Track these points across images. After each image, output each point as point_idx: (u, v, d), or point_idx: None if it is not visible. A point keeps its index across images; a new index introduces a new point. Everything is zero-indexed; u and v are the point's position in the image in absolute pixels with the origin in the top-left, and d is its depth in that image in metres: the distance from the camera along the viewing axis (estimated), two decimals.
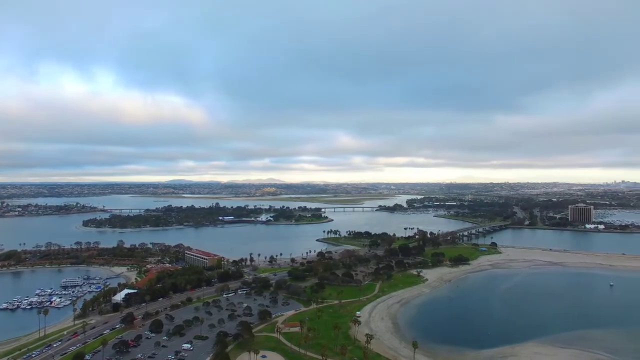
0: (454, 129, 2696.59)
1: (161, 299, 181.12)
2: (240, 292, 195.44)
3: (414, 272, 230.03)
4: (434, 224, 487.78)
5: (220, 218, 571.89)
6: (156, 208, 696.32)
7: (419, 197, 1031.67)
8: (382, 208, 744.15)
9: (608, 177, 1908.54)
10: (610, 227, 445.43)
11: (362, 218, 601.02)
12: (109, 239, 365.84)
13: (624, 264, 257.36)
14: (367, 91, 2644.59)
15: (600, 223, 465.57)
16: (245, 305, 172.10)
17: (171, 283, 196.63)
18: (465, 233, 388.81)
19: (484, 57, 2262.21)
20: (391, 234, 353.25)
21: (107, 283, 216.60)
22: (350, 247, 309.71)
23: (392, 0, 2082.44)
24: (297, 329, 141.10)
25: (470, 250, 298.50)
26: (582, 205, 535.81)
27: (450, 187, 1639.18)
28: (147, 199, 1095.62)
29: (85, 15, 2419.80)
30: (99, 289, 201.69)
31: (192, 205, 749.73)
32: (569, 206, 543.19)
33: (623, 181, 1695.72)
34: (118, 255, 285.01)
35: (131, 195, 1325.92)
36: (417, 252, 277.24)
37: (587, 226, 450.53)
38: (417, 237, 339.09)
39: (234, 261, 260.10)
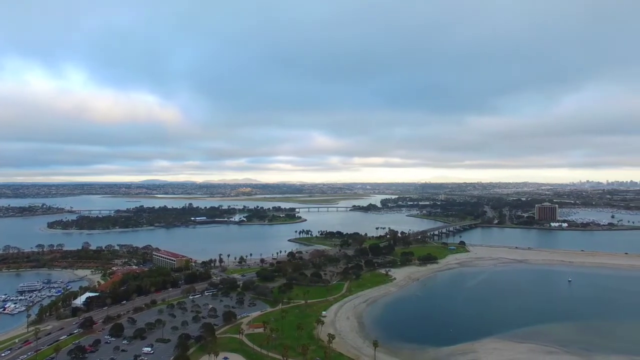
0: (428, 129, 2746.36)
1: (125, 302, 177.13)
2: (206, 294, 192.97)
3: (383, 271, 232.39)
4: (407, 223, 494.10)
5: (192, 218, 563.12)
6: (127, 209, 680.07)
7: (393, 197, 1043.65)
8: (356, 208, 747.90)
9: (574, 177, 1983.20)
10: (573, 225, 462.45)
11: (336, 218, 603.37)
12: (75, 241, 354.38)
13: (582, 261, 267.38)
14: (342, 92, 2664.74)
15: (564, 221, 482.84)
16: (210, 306, 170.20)
17: (136, 285, 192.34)
18: (436, 232, 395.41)
19: (456, 59, 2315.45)
20: (363, 234, 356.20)
21: (69, 287, 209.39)
22: (322, 247, 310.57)
23: (367, 3, 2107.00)
24: (261, 329, 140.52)
25: (440, 249, 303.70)
26: (547, 204, 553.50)
27: (424, 187, 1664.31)
28: (119, 199, 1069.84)
29: (53, 10, 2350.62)
30: (59, 293, 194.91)
31: (165, 206, 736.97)
32: (536, 205, 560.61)
33: (588, 181, 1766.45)
34: (83, 257, 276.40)
35: (102, 195, 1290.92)
36: (387, 251, 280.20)
37: (552, 224, 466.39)
38: (388, 236, 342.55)
39: (203, 262, 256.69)
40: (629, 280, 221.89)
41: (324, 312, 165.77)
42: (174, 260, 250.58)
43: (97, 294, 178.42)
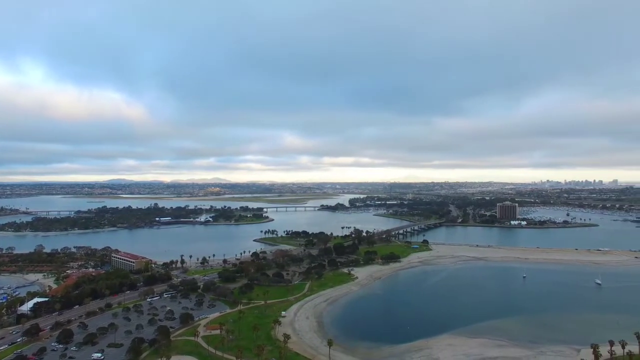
0: (397, 130, 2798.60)
1: (77, 306, 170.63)
2: (165, 296, 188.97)
3: (346, 270, 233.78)
4: (373, 222, 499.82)
5: (157, 219, 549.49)
6: (89, 209, 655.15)
7: (361, 196, 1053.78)
8: (324, 207, 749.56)
9: (536, 176, 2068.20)
10: (531, 223, 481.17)
11: (303, 217, 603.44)
12: (28, 243, 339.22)
13: (536, 257, 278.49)
14: (311, 92, 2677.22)
15: (524, 219, 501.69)
16: (168, 308, 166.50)
17: (90, 289, 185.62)
18: (401, 231, 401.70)
19: (423, 61, 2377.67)
20: (328, 234, 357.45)
21: (16, 293, 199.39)
22: (287, 247, 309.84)
23: (335, 4, 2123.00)
24: (218, 331, 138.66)
25: (403, 248, 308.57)
26: (508, 203, 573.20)
27: (393, 186, 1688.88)
28: (81, 199, 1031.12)
29: (8, 2, 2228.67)
30: (3, 300, 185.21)
31: (129, 206, 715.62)
32: (497, 204, 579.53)
33: (548, 180, 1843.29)
34: (35, 261, 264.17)
35: (63, 196, 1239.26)
36: (351, 250, 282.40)
37: (512, 222, 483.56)
38: (353, 236, 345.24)
39: (164, 263, 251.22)
40: (575, 274, 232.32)
41: (283, 312, 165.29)
42: (134, 262, 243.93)
43: (46, 299, 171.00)
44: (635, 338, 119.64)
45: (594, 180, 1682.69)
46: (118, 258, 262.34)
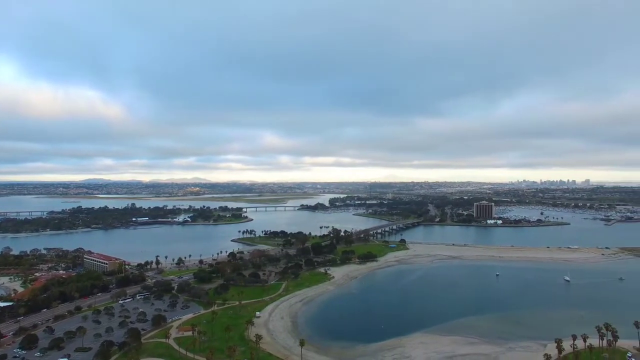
0: (377, 130, 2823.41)
1: (45, 310, 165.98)
2: (138, 297, 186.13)
3: (322, 270, 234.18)
4: (353, 222, 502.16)
5: (133, 219, 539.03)
6: (62, 210, 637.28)
7: (342, 196, 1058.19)
8: (304, 207, 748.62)
9: (513, 176, 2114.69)
10: (506, 222, 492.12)
11: (283, 217, 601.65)
12: None
13: (510, 255, 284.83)
14: (291, 91, 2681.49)
15: (500, 218, 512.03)
16: (140, 310, 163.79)
17: (59, 292, 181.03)
18: (379, 231, 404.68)
19: (403, 63, 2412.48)
20: (307, 233, 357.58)
21: None
22: (264, 247, 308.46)
23: (316, 4, 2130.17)
24: (190, 333, 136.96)
25: (380, 247, 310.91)
26: (485, 202, 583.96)
27: (373, 186, 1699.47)
28: (55, 200, 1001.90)
29: None
30: None
31: (106, 206, 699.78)
32: (474, 204, 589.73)
33: (524, 180, 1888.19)
34: (1, 264, 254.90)
35: (36, 196, 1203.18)
36: (329, 250, 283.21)
37: (489, 221, 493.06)
38: (331, 235, 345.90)
39: (138, 264, 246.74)
40: (546, 272, 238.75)
41: (258, 313, 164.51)
42: (106, 264, 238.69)
43: (10, 303, 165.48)
44: (596, 332, 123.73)
45: (568, 180, 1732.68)
46: (91, 259, 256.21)
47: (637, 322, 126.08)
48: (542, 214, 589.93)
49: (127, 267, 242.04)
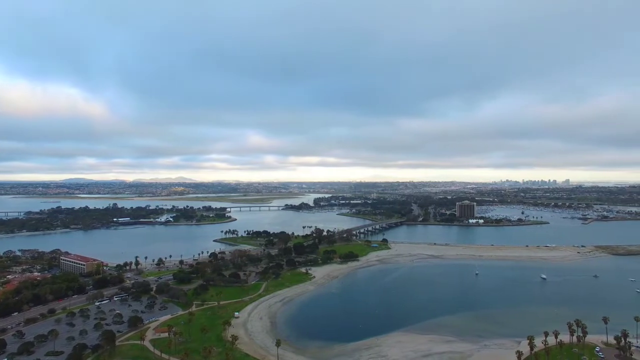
0: (362, 130, 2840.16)
1: (16, 313, 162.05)
2: (116, 299, 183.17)
3: (303, 270, 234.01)
4: (337, 222, 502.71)
5: (114, 219, 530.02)
6: (41, 210, 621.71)
7: (326, 196, 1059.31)
8: (288, 207, 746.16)
9: (497, 176, 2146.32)
10: (488, 222, 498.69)
11: (267, 217, 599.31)
12: None
13: (490, 254, 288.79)
14: (275, 91, 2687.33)
15: (481, 218, 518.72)
16: (117, 312, 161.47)
17: (32, 294, 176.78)
18: (362, 230, 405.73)
19: (386, 63, 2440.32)
20: (290, 233, 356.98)
21: None
22: (247, 247, 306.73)
23: (296, 3, 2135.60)
24: (167, 334, 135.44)
25: (362, 246, 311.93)
26: (467, 202, 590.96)
27: (359, 185, 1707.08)
28: (34, 200, 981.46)
29: None
30: None
31: (86, 207, 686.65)
32: (457, 203, 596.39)
33: (507, 180, 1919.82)
34: None
35: (13, 196, 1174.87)
36: (311, 250, 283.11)
37: (470, 221, 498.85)
38: (314, 235, 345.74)
39: (117, 265, 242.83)
40: (524, 270, 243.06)
41: (237, 313, 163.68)
42: (84, 265, 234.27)
43: None
44: (567, 328, 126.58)
45: (549, 180, 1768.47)
46: (67, 261, 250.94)
47: (605, 318, 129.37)
48: (523, 213, 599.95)
49: (105, 268, 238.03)
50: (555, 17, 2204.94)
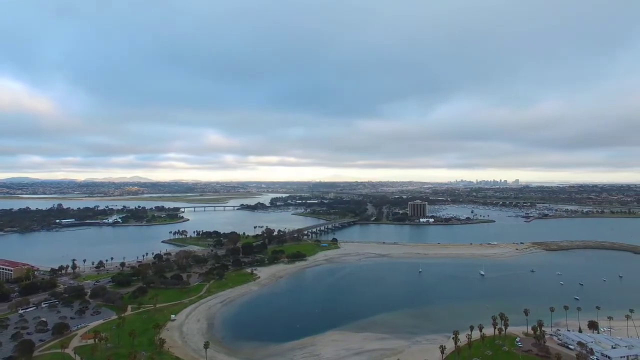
0: (321, 130, 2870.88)
1: None
2: (44, 305, 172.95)
3: (249, 270, 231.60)
4: (291, 221, 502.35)
5: (57, 221, 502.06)
6: None
7: (284, 195, 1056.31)
8: (244, 207, 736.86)
9: (452, 176, 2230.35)
10: (438, 220, 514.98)
11: (221, 217, 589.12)
12: None
13: (435, 252, 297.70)
14: (232, 90, 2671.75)
15: (432, 217, 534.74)
16: (42, 319, 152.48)
17: None
18: (314, 230, 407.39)
19: (340, 64, 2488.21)
20: (241, 233, 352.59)
21: None
22: (195, 248, 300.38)
23: (247, 3, 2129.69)
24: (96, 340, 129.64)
25: (312, 246, 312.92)
26: (418, 202, 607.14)
27: (317, 185, 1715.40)
28: None
29: None
30: None
31: (27, 207, 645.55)
32: (409, 202, 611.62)
33: (462, 180, 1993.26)
34: None
35: None
36: (259, 250, 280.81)
37: (421, 220, 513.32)
38: (264, 235, 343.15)
39: (52, 270, 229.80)
40: (465, 267, 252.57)
41: (173, 316, 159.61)
42: (11, 270, 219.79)
43: None
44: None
45: (501, 180, 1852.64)
46: None
47: (527, 310, 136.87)
48: (472, 212, 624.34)
49: (37, 273, 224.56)
50: (497, 28, 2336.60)
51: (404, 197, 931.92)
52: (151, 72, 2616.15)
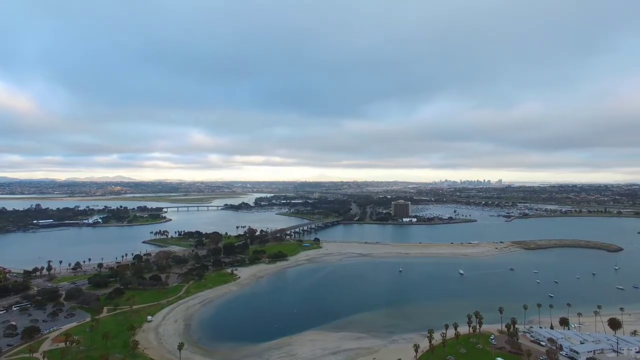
0: (306, 130, 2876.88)
1: None
2: (15, 308, 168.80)
3: (229, 270, 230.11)
4: (275, 221, 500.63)
5: (34, 222, 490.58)
6: None
7: (269, 195, 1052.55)
8: (227, 207, 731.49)
9: (437, 176, 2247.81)
10: (420, 220, 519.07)
11: (204, 217, 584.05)
12: None
13: (416, 252, 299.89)
14: (215, 90, 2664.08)
15: (415, 217, 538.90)
16: (10, 323, 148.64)
17: None
18: (297, 230, 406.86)
19: (323, 64, 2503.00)
20: (223, 233, 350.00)
21: None
22: (177, 248, 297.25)
23: (237, 2, 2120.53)
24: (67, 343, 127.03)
25: (294, 246, 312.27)
26: (402, 201, 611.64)
27: (303, 185, 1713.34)
28: None
29: None
30: None
31: (3, 208, 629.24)
32: (392, 202, 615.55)
33: (446, 180, 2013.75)
34: None
35: None
36: (241, 250, 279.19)
37: (404, 220, 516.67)
38: (246, 235, 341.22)
39: (25, 272, 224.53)
40: (445, 266, 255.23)
41: (150, 317, 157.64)
42: None
43: None
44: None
45: (484, 180, 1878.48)
46: None
47: (501, 308, 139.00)
48: (455, 212, 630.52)
49: (9, 275, 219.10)
50: (480, 30, 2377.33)
51: (389, 197, 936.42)
52: (134, 70, 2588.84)
